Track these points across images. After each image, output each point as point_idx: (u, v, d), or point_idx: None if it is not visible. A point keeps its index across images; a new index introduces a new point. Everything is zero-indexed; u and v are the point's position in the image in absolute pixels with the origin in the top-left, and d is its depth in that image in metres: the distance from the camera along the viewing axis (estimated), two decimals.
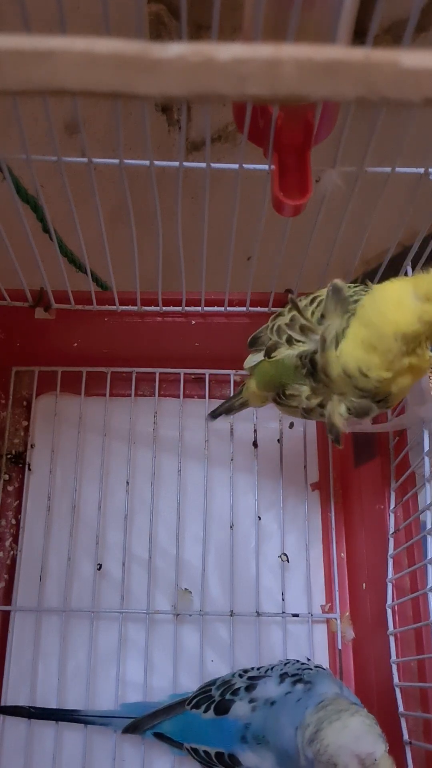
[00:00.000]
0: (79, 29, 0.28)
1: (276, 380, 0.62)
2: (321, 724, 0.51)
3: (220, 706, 0.61)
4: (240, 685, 0.62)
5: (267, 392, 0.65)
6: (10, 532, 0.80)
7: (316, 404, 0.60)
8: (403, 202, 0.59)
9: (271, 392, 0.64)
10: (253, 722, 0.59)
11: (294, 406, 0.62)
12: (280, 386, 0.62)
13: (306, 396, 0.60)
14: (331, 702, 0.54)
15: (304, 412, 0.61)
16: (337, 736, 0.50)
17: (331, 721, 0.51)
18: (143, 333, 0.79)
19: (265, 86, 0.19)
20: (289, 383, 0.61)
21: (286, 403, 0.62)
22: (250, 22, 0.46)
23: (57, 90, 0.19)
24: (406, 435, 0.71)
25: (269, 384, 0.64)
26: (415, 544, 0.67)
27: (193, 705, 0.64)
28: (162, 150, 0.90)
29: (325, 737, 0.50)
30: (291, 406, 0.62)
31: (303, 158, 0.53)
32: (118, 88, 0.19)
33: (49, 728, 0.71)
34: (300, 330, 0.59)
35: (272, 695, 0.59)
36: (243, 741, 0.59)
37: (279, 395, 0.63)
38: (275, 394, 0.63)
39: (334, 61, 0.19)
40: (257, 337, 0.66)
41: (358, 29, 0.46)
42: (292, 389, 0.61)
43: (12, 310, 0.77)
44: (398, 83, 0.19)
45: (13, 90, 0.19)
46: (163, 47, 0.19)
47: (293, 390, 0.61)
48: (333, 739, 0.50)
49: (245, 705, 0.60)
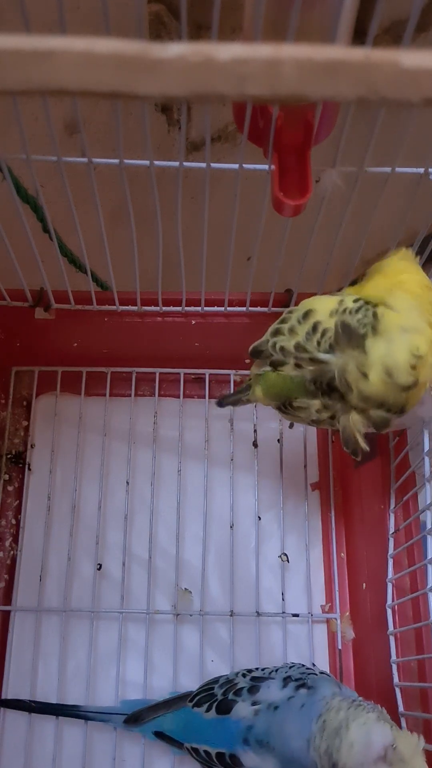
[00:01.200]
0: (79, 29, 0.28)
1: (284, 393, 0.61)
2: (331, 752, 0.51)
3: (222, 706, 0.61)
4: (243, 685, 0.62)
5: (273, 401, 0.64)
6: (10, 532, 0.80)
7: (327, 417, 0.59)
8: (403, 202, 0.58)
9: (278, 401, 0.63)
10: (255, 725, 0.59)
11: (301, 417, 0.61)
12: (287, 398, 0.61)
13: (316, 410, 0.59)
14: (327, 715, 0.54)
15: (313, 422, 0.61)
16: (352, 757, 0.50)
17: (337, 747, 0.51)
18: (143, 333, 0.79)
19: (265, 86, 0.19)
20: (296, 397, 0.60)
21: (293, 413, 0.61)
22: (250, 22, 0.46)
23: (57, 90, 0.19)
24: (406, 435, 0.71)
25: (276, 395, 0.63)
26: (415, 544, 0.67)
27: (195, 703, 0.64)
28: (162, 150, 0.90)
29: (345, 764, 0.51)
30: (298, 417, 0.62)
31: (303, 158, 0.53)
32: (118, 88, 0.19)
33: (49, 726, 0.71)
34: (309, 361, 0.58)
35: (275, 699, 0.59)
36: (245, 743, 0.58)
37: (285, 405, 0.62)
38: (281, 404, 0.63)
39: (334, 61, 0.19)
40: (260, 349, 0.63)
41: (358, 29, 0.46)
42: (300, 402, 0.60)
43: (12, 310, 0.77)
44: (398, 83, 0.19)
45: (13, 90, 0.19)
46: (163, 47, 0.19)
47: (302, 403, 0.60)
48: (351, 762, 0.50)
49: (247, 707, 0.60)
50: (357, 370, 0.55)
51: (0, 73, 0.19)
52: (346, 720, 0.52)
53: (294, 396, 0.60)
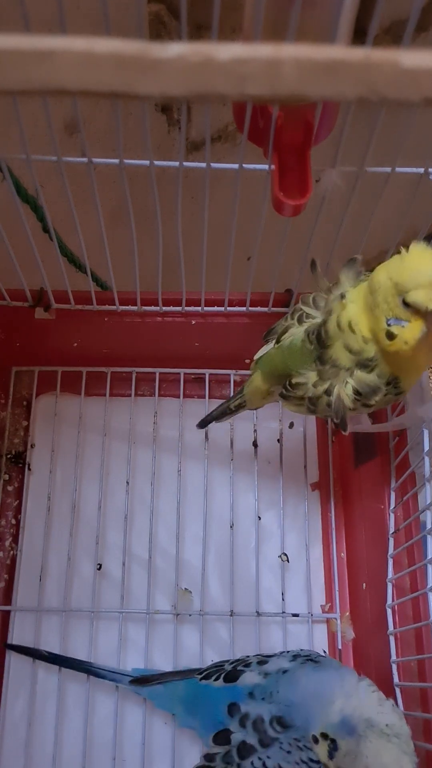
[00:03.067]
0: (79, 29, 0.28)
1: (282, 367, 0.63)
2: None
3: (229, 676, 0.64)
4: (253, 660, 0.64)
5: (272, 384, 0.66)
6: (10, 532, 0.80)
7: (322, 391, 0.60)
8: (403, 202, 0.58)
9: (276, 384, 0.65)
10: (263, 684, 0.61)
11: (300, 397, 0.62)
12: (286, 376, 0.62)
13: (313, 383, 0.60)
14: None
15: (310, 403, 0.61)
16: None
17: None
18: (143, 333, 0.79)
19: (265, 86, 0.19)
20: (295, 370, 0.61)
21: (293, 393, 0.62)
22: (250, 22, 0.46)
23: (57, 90, 0.19)
24: (406, 435, 0.71)
25: (275, 372, 0.64)
26: (415, 544, 0.67)
27: (203, 676, 0.66)
28: (162, 150, 0.90)
29: None
30: (297, 397, 0.62)
31: (303, 158, 0.53)
32: (118, 88, 0.19)
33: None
34: (313, 302, 0.61)
35: (285, 666, 0.62)
36: (250, 697, 0.61)
37: (285, 387, 0.63)
38: (282, 387, 0.64)
39: (334, 61, 0.19)
40: (272, 328, 0.67)
41: (358, 29, 0.46)
42: (298, 377, 0.61)
43: (12, 310, 0.77)
44: (398, 83, 0.19)
45: (13, 90, 0.19)
46: (163, 47, 0.19)
47: (300, 378, 0.61)
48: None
49: (255, 675, 0.62)
50: (341, 292, 0.57)
51: (0, 73, 0.19)
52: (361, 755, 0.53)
53: (292, 368, 0.61)
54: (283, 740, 0.57)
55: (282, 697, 0.59)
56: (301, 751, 0.56)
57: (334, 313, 0.57)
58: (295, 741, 0.57)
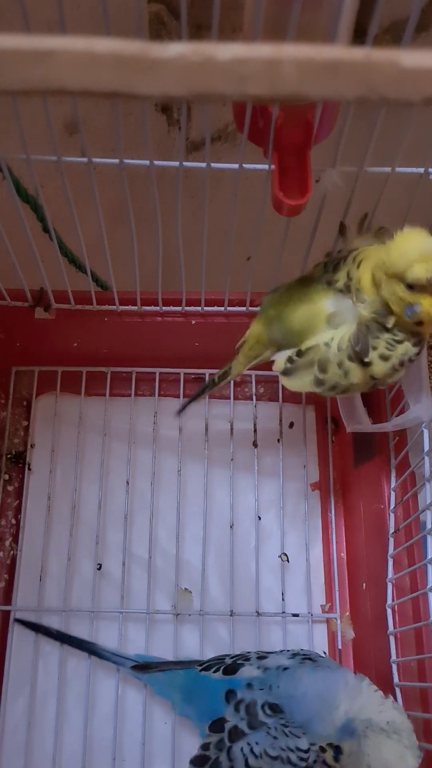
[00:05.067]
0: (79, 29, 0.28)
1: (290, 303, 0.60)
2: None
3: (229, 668, 0.64)
4: (252, 655, 0.65)
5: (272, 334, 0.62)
6: (10, 532, 0.80)
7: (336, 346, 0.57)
8: (403, 202, 0.58)
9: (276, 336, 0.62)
10: (262, 677, 0.62)
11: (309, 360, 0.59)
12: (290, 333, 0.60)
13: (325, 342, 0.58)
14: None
15: (320, 369, 0.58)
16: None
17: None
18: (143, 333, 0.79)
19: (265, 86, 0.19)
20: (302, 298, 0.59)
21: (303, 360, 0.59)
22: (250, 22, 0.46)
23: (57, 90, 0.19)
24: (406, 435, 0.71)
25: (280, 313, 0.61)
26: (415, 544, 0.67)
27: (203, 668, 0.67)
28: (162, 150, 0.90)
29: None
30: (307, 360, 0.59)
31: (303, 158, 0.53)
32: (117, 88, 0.19)
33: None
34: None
35: (284, 664, 0.62)
36: (248, 687, 0.61)
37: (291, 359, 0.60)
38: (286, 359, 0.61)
39: (334, 61, 0.19)
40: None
41: (358, 29, 0.46)
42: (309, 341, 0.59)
43: (12, 310, 0.77)
44: (398, 83, 0.19)
45: (13, 90, 0.19)
46: (163, 47, 0.19)
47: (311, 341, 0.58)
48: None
49: (254, 669, 0.63)
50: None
51: (0, 73, 0.19)
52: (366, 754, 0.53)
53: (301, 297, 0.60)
54: (272, 725, 0.58)
55: (282, 691, 0.59)
56: (288, 738, 0.57)
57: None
58: (283, 727, 0.57)
